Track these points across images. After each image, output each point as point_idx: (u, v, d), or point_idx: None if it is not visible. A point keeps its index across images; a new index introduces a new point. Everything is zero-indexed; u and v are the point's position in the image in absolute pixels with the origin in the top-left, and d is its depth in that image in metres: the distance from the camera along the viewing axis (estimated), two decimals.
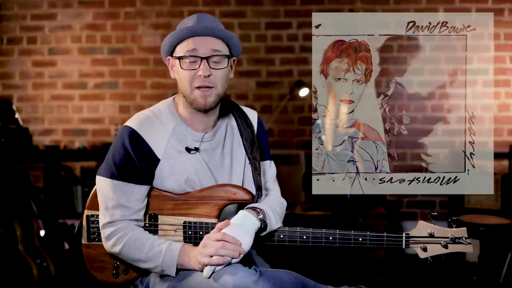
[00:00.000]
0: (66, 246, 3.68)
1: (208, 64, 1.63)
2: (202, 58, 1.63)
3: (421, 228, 1.66)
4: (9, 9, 4.46)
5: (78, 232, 1.78)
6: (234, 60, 1.75)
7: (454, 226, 1.65)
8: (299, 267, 1.72)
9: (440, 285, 3.54)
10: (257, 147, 1.81)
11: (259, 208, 1.64)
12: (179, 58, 1.65)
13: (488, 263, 3.35)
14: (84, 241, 1.75)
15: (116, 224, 1.65)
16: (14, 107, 3.82)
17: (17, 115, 3.79)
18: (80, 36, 4.45)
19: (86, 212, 1.75)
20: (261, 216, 1.62)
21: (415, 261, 4.20)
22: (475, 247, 3.55)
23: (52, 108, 4.47)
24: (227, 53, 1.68)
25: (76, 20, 4.44)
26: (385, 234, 1.65)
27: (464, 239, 1.63)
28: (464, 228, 1.65)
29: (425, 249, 1.65)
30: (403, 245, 1.65)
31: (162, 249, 1.60)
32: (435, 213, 1.65)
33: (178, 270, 1.60)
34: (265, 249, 1.75)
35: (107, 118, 4.46)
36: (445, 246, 1.64)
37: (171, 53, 1.71)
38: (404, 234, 1.65)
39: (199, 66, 1.63)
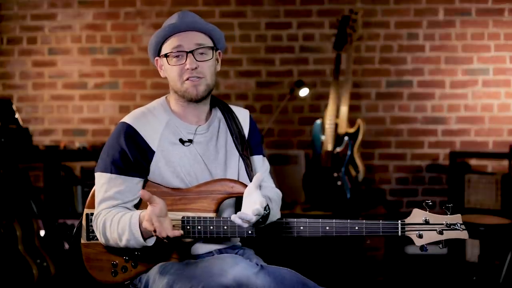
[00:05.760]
0: (66, 246, 3.68)
1: (194, 57, 1.69)
2: (187, 53, 1.69)
3: (416, 215, 1.67)
4: (9, 9, 4.46)
5: (77, 231, 1.79)
6: (219, 53, 1.79)
7: (448, 213, 1.66)
8: (298, 267, 1.72)
9: (440, 285, 3.55)
10: (247, 146, 1.83)
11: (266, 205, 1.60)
12: (166, 55, 1.71)
13: (488, 263, 3.35)
14: (83, 240, 1.75)
15: (102, 213, 1.67)
16: (14, 107, 3.82)
17: (17, 115, 3.78)
18: (80, 36, 4.45)
19: (86, 210, 1.76)
20: (265, 212, 1.58)
21: (415, 261, 4.20)
22: (475, 247, 3.55)
23: (52, 108, 4.47)
24: (211, 44, 1.74)
25: (76, 20, 4.44)
26: (381, 221, 1.66)
27: (459, 225, 1.64)
28: (459, 215, 1.65)
29: (420, 236, 1.65)
30: (399, 232, 1.66)
31: (126, 221, 1.59)
32: (430, 202, 1.66)
33: (147, 238, 1.58)
34: (263, 248, 1.75)
35: (107, 118, 4.46)
36: (441, 233, 1.64)
37: (158, 53, 1.76)
38: (399, 222, 1.66)
39: (186, 60, 1.69)
